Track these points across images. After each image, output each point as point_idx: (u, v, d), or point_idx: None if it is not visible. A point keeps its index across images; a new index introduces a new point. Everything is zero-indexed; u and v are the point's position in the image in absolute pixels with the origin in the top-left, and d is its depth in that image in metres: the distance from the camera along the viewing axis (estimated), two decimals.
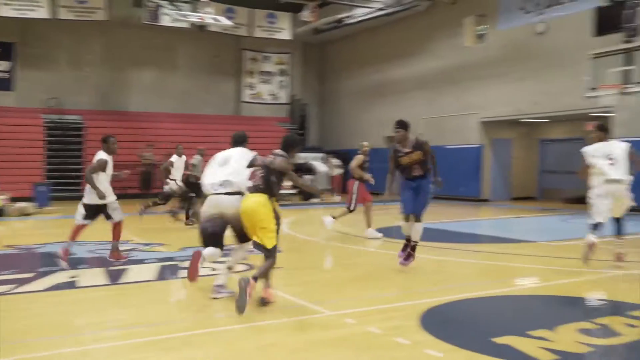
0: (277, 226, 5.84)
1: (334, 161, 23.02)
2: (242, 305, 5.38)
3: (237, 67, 28.79)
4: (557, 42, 18.72)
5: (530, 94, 19.63)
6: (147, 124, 24.83)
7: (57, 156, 22.48)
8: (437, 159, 7.95)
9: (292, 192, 22.14)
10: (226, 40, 26.97)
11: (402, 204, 7.84)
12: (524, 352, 4.43)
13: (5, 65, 23.58)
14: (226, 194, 6.14)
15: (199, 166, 13.49)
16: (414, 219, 7.78)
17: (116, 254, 8.48)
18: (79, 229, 8.25)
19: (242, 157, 6.29)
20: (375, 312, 5.72)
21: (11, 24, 22.11)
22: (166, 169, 13.23)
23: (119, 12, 22.98)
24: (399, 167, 7.85)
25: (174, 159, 13.30)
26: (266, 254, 5.77)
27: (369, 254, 9.77)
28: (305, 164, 20.00)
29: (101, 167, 8.18)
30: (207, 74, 27.90)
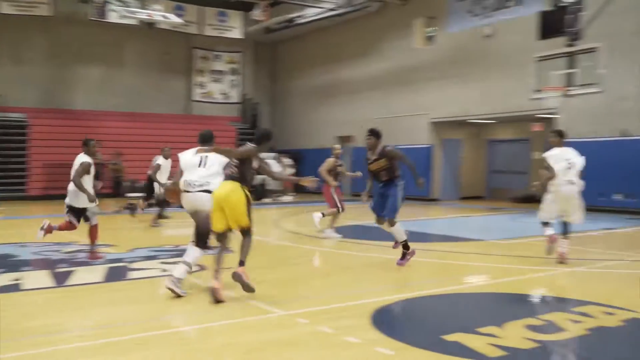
0: (249, 211, 6.16)
1: (286, 161, 23.00)
2: (251, 289, 6.06)
3: (187, 65, 28.42)
4: (504, 45, 19.19)
5: (477, 95, 20.06)
6: (94, 122, 24.26)
7: None
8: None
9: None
10: (176, 37, 26.61)
11: (372, 208, 8.31)
12: (473, 349, 4.51)
13: None
14: (203, 191, 6.43)
15: (163, 166, 13.57)
16: (387, 222, 8.07)
17: (94, 255, 8.59)
18: (66, 225, 8.47)
19: (218, 159, 6.62)
20: (326, 311, 5.73)
21: None
22: (154, 172, 13.07)
23: (64, 7, 22.36)
24: (369, 172, 8.30)
25: (161, 161, 13.15)
26: (243, 233, 6.17)
27: (321, 254, 9.79)
28: None
29: (86, 170, 8.35)
30: (157, 72, 27.46)
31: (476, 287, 7.22)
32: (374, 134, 8.30)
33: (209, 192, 6.37)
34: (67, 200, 8.41)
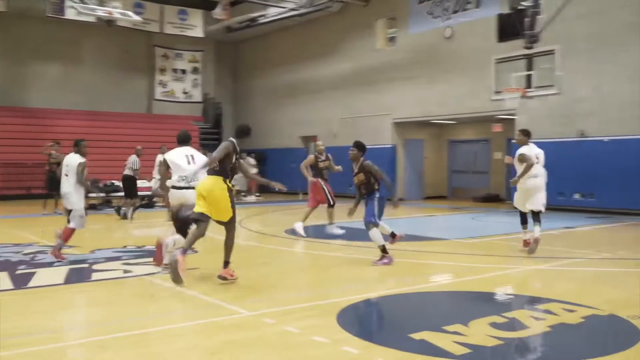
0: (232, 202, 6.58)
1: (250, 160, 22.85)
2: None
3: (148, 63, 28.03)
4: (465, 47, 19.46)
5: (439, 96, 20.29)
6: (51, 120, 23.71)
7: None
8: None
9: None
10: (137, 35, 26.21)
11: None
12: (439, 347, 4.54)
13: None
14: (188, 188, 7.01)
15: (138, 168, 14.33)
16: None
17: (57, 252, 8.42)
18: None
19: (201, 157, 7.22)
20: (293, 311, 5.71)
21: None
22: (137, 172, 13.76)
23: (19, 3, 21.76)
24: (355, 185, 8.42)
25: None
26: (226, 228, 6.62)
27: (286, 254, 9.76)
28: None
29: (84, 169, 8.62)
30: (118, 70, 27.00)
31: (442, 286, 7.28)
32: (357, 146, 8.37)
33: (188, 188, 6.92)
34: (74, 200, 8.56)
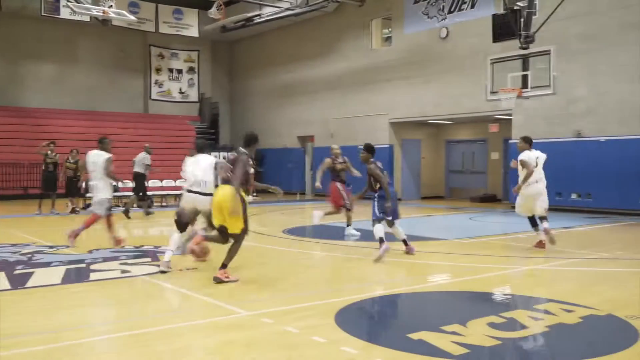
0: (245, 212, 6.74)
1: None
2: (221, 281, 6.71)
3: (144, 63, 28.00)
4: (460, 47, 19.48)
5: (435, 96, 20.31)
6: (46, 120, 23.67)
7: None
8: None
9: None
10: (132, 35, 26.17)
11: None
12: (437, 347, 4.54)
13: None
14: (200, 193, 7.49)
15: (147, 161, 15.16)
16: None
17: (73, 242, 9.05)
18: (110, 219, 9.26)
19: (211, 164, 7.62)
20: (291, 311, 5.70)
21: None
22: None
23: (13, 2, 21.71)
24: None
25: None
26: (234, 238, 6.79)
27: (284, 253, 9.75)
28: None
29: (111, 163, 9.05)
30: (113, 70, 26.95)
31: (440, 286, 7.28)
32: (366, 148, 8.80)
33: (203, 194, 7.43)
34: (103, 195, 9.06)
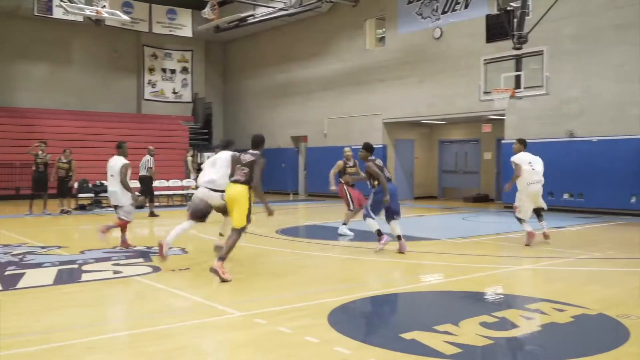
0: (249, 210, 7.19)
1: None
2: (225, 281, 6.89)
3: (137, 63, 27.93)
4: (454, 47, 19.52)
5: (429, 96, 20.35)
6: (39, 120, 23.58)
7: None
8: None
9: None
10: (126, 35, 26.10)
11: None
12: (430, 347, 4.55)
13: None
14: (212, 190, 7.94)
15: (153, 167, 15.04)
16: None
17: (125, 243, 9.61)
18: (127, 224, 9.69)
19: (225, 161, 7.95)
20: (284, 311, 5.70)
21: None
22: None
23: (6, 2, 21.62)
24: None
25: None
26: (235, 231, 7.17)
27: (276, 254, 9.75)
28: None
29: (127, 170, 9.50)
30: (106, 69, 26.88)
31: (433, 286, 7.30)
32: (364, 148, 9.39)
33: (214, 190, 7.89)
34: (123, 201, 9.49)
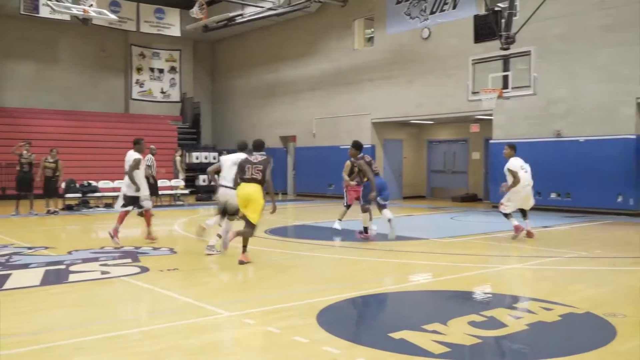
0: (262, 208, 8.06)
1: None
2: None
3: (125, 63, 27.77)
4: (442, 47, 19.58)
5: (417, 96, 20.39)
6: (25, 120, 23.40)
7: None
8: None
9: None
10: (114, 34, 25.95)
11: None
12: (419, 346, 4.56)
13: None
14: (229, 187, 8.70)
15: (153, 166, 15.13)
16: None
17: (151, 236, 10.26)
18: (124, 214, 10.11)
19: (235, 161, 8.60)
20: (273, 311, 5.69)
21: None
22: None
23: None
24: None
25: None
26: (250, 225, 8.05)
27: (266, 254, 9.71)
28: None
29: (137, 166, 10.00)
30: (93, 69, 26.72)
31: (421, 285, 7.32)
32: (353, 145, 10.11)
33: (231, 188, 8.52)
34: (124, 190, 10.11)
